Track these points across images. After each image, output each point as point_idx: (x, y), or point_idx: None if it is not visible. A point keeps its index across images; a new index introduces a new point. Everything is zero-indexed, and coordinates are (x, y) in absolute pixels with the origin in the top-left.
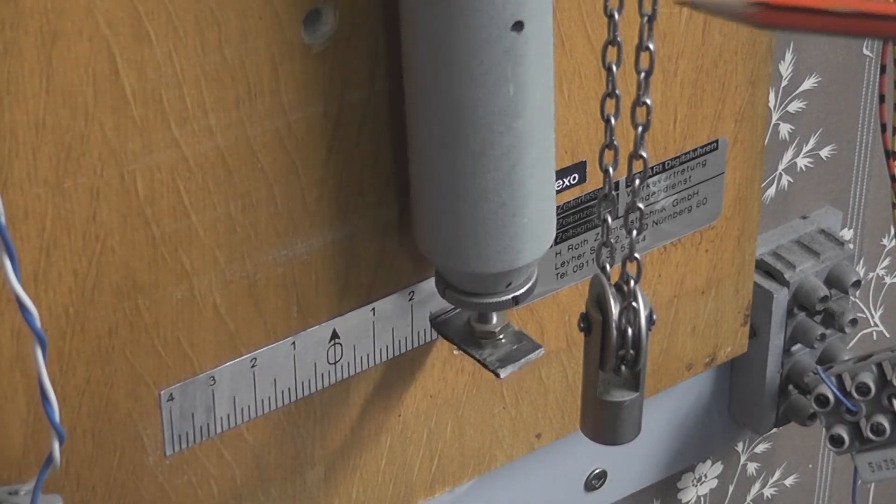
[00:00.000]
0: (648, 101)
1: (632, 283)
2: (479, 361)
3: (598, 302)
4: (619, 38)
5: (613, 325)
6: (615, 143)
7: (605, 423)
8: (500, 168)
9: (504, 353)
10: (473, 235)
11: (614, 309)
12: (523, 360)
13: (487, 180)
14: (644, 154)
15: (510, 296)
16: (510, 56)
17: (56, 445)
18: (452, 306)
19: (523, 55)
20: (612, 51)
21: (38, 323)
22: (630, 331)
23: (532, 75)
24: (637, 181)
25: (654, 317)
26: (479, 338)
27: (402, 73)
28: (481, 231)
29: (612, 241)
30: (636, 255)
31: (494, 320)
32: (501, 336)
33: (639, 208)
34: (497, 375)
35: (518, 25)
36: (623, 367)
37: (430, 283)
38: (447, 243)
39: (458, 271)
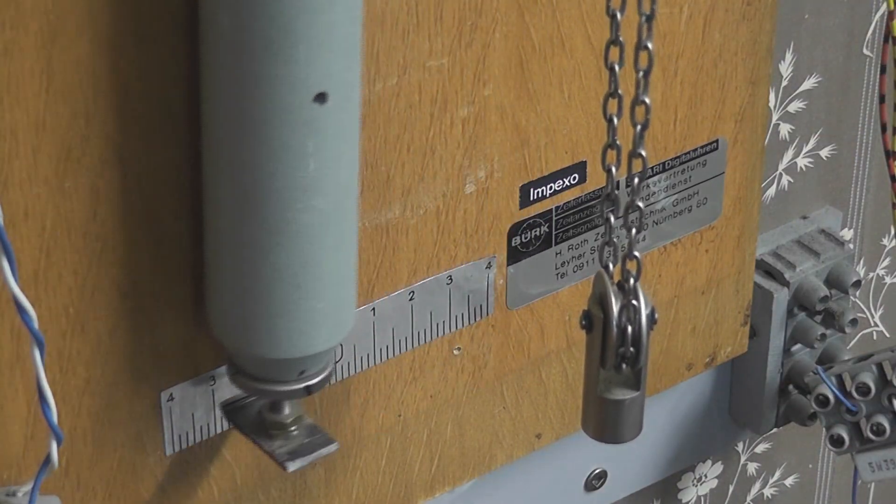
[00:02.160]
0: (647, 100)
1: (632, 280)
2: (267, 453)
3: (599, 300)
4: (621, 39)
5: (614, 322)
6: (618, 142)
7: (607, 422)
8: (296, 247)
9: (295, 446)
10: (265, 317)
11: (615, 306)
12: (314, 454)
13: (282, 259)
14: (643, 153)
15: (302, 385)
16: (311, 128)
17: (54, 446)
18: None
19: (326, 129)
20: (614, 51)
21: (36, 324)
22: (630, 328)
23: (335, 151)
24: (637, 180)
25: (657, 315)
26: (270, 428)
27: (201, 137)
28: (272, 313)
29: (614, 240)
30: (636, 253)
31: (287, 410)
32: (293, 428)
33: (638, 207)
34: (285, 468)
35: (321, 97)
36: (624, 366)
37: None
38: (237, 324)
39: (248, 355)
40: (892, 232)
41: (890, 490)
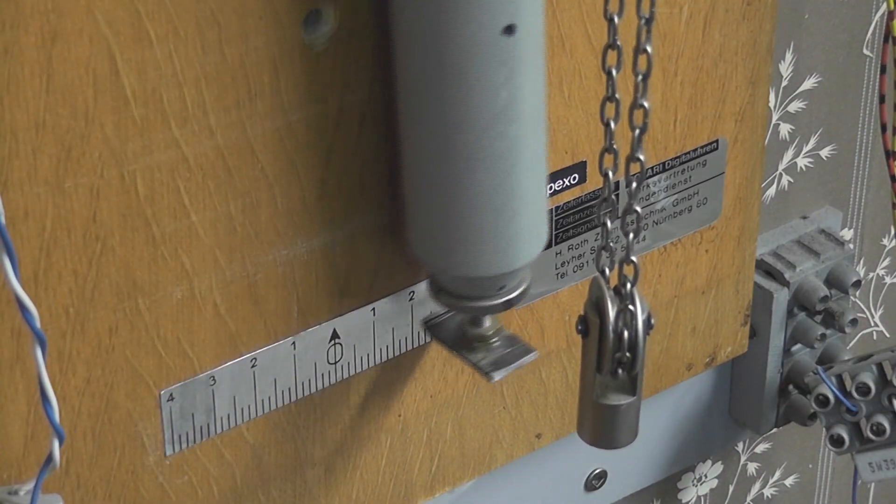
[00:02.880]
0: (646, 104)
1: (629, 285)
2: (471, 365)
3: (596, 304)
4: (618, 42)
5: (610, 327)
6: (615, 146)
7: (602, 427)
8: (493, 173)
9: (497, 357)
10: (466, 239)
11: (612, 311)
12: (516, 363)
13: (480, 184)
14: (641, 157)
15: (503, 299)
16: (502, 60)
17: (56, 445)
18: (446, 309)
19: (516, 60)
20: (612, 54)
21: (37, 323)
22: (627, 334)
23: (525, 80)
24: (634, 184)
25: (653, 321)
26: (471, 341)
27: (395, 76)
28: (474, 235)
29: (611, 244)
30: (633, 257)
31: (487, 324)
32: (494, 340)
33: (635, 211)
34: (490, 379)
35: (510, 29)
36: (620, 371)
37: None
38: (440, 247)
39: (451, 274)
40: (893, 232)
41: (890, 490)
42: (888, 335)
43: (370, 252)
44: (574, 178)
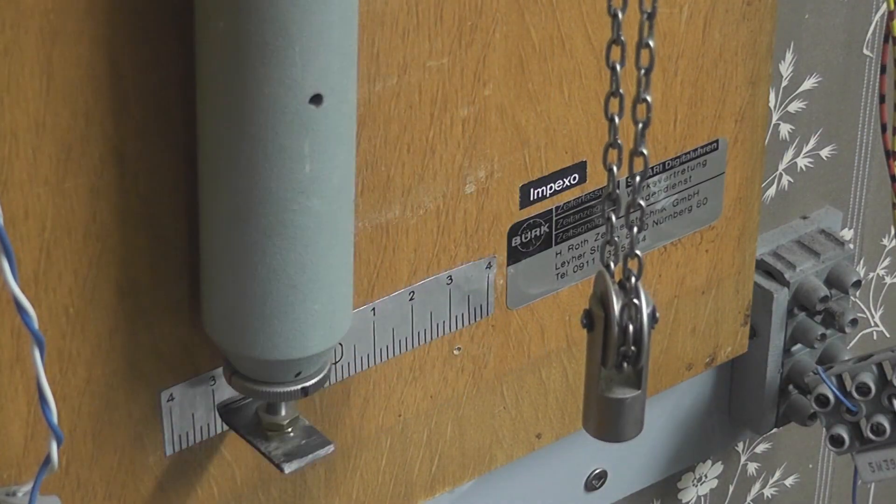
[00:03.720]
0: (649, 98)
1: (633, 279)
2: (264, 455)
3: (601, 298)
4: (622, 38)
5: (615, 321)
6: (619, 141)
7: (608, 421)
8: (292, 248)
9: (291, 448)
10: (260, 318)
11: (616, 305)
12: (310, 455)
13: (277, 260)
14: (644, 151)
15: (299, 386)
16: (307, 130)
17: (54, 447)
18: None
19: (321, 130)
20: (616, 50)
21: (36, 324)
22: (632, 327)
23: (331, 152)
24: (638, 178)
25: (658, 315)
26: (266, 430)
27: (197, 139)
28: (269, 314)
29: (615, 239)
30: (637, 251)
31: (283, 412)
32: (290, 429)
33: (639, 205)
34: (282, 471)
35: (317, 98)
36: (625, 364)
37: None
38: (233, 326)
39: (245, 357)
40: (893, 232)
41: (890, 490)
42: (888, 335)
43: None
44: (574, 178)
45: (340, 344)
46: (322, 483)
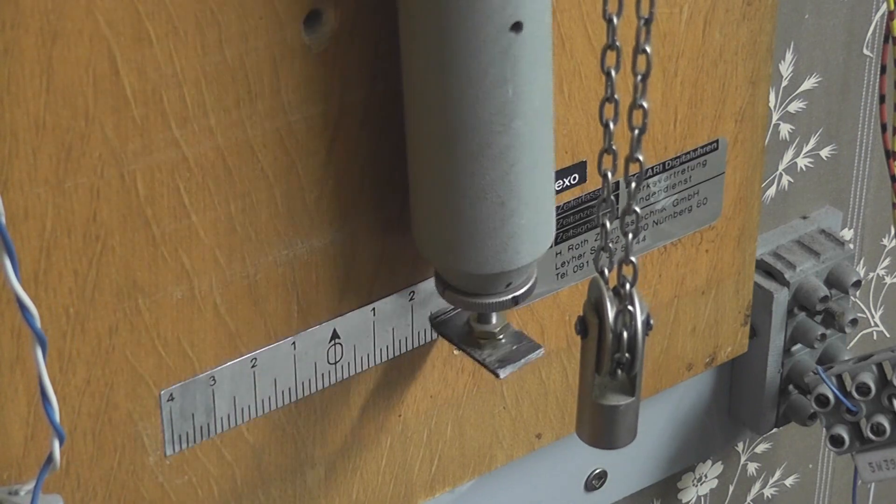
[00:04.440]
0: (645, 105)
1: (628, 286)
2: (478, 361)
3: (595, 305)
4: (617, 43)
5: (609, 328)
6: (614, 146)
7: (601, 428)
8: (498, 168)
9: (504, 354)
10: (472, 235)
11: (610, 312)
12: (523, 360)
13: (486, 180)
14: (640, 157)
15: (510, 296)
16: (508, 56)
17: (56, 445)
18: (452, 306)
19: (522, 56)
20: (611, 55)
21: (38, 323)
22: (626, 334)
23: (531, 76)
24: (633, 185)
25: (652, 321)
26: (478, 338)
27: (401, 72)
28: (480, 231)
29: (610, 245)
30: (632, 258)
31: (494, 320)
32: (501, 336)
33: (635, 211)
34: (497, 375)
35: (517, 26)
36: (619, 372)
37: (431, 284)
38: (446, 243)
39: (457, 271)
40: (893, 232)
41: (890, 490)
42: (888, 335)
43: (370, 252)
44: (574, 179)
45: (341, 344)
46: (322, 483)
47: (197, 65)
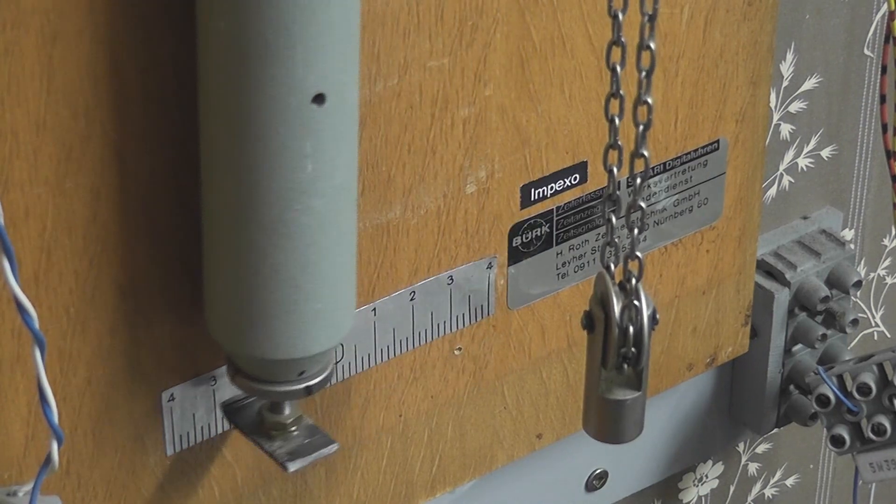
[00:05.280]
0: (650, 100)
1: (633, 280)
2: (267, 454)
3: (601, 300)
4: (623, 39)
5: (616, 322)
6: (619, 143)
7: (608, 422)
8: (294, 248)
9: (295, 447)
10: (263, 318)
11: (617, 306)
12: (315, 454)
13: (280, 260)
14: (645, 153)
15: (303, 385)
16: (309, 130)
17: (55, 447)
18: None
19: (324, 130)
20: (616, 51)
21: (36, 324)
22: (632, 328)
23: (333, 152)
24: (639, 180)
25: (658, 316)
26: (269, 429)
27: (199, 138)
28: (271, 314)
29: (616, 240)
30: (638, 253)
31: (287, 411)
32: (293, 428)
33: (640, 207)
34: (285, 469)
35: (319, 98)
36: (625, 366)
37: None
38: (236, 325)
39: (248, 356)
40: (893, 232)
41: (891, 490)
42: (889, 335)
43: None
44: (575, 179)
45: (342, 344)
46: (323, 483)
47: None
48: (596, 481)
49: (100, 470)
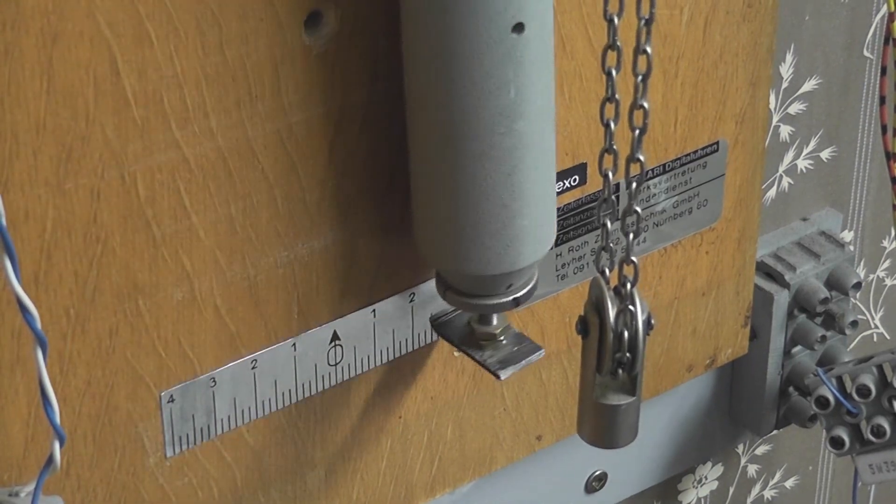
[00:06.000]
0: (646, 105)
1: (628, 285)
2: (479, 363)
3: (596, 305)
4: (618, 43)
5: (610, 327)
6: (615, 146)
7: (602, 427)
8: (500, 170)
9: (505, 355)
10: (474, 237)
11: (611, 311)
12: (524, 361)
13: (488, 182)
14: (641, 157)
15: (511, 297)
16: (511, 58)
17: (56, 447)
18: (453, 307)
19: (524, 57)
20: (611, 55)
21: (38, 324)
22: (627, 334)
23: (533, 77)
24: (634, 185)
25: (653, 321)
26: (479, 339)
27: (403, 74)
28: (482, 233)
29: (611, 244)
30: (633, 258)
31: (495, 322)
32: (502, 337)
33: (635, 211)
34: (497, 377)
35: (519, 27)
36: (620, 371)
37: (431, 285)
38: (447, 245)
39: (459, 273)
40: (893, 234)
41: (890, 492)
42: (888, 337)
43: (370, 253)
44: (574, 180)
45: (341, 345)
46: (322, 485)
47: (197, 65)
48: (595, 483)
49: (99, 471)
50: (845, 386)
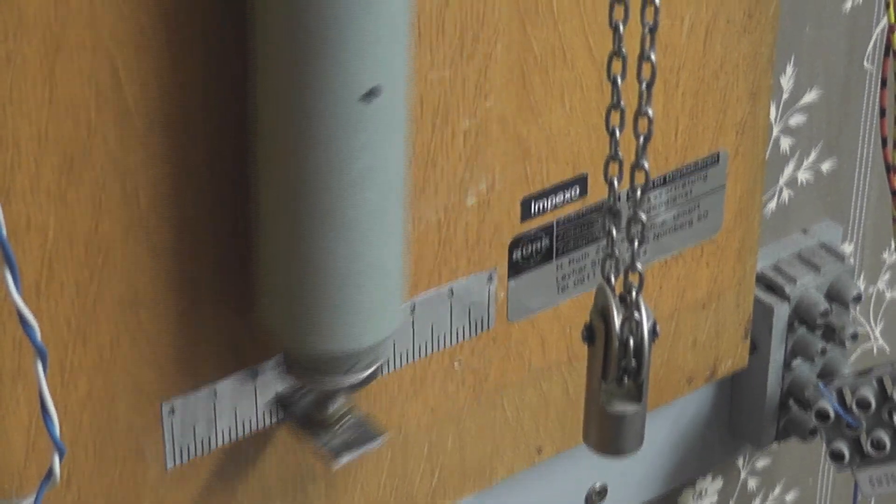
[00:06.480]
0: (650, 112)
1: (634, 293)
2: (314, 449)
3: (601, 312)
4: (624, 50)
5: (616, 335)
6: (619, 155)
7: (608, 435)
8: (346, 240)
9: (344, 440)
10: (317, 311)
11: (617, 319)
12: (361, 449)
13: (334, 252)
14: (646, 165)
15: (358, 377)
16: (361, 126)
17: (56, 460)
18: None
19: (375, 126)
20: (617, 63)
21: (38, 336)
22: (632, 341)
23: (385, 146)
24: (639, 192)
25: (659, 329)
26: (321, 421)
27: (251, 138)
28: (325, 306)
29: (616, 252)
30: (638, 265)
31: (336, 405)
32: (346, 419)
33: (640, 219)
34: (332, 466)
35: (369, 94)
36: (626, 379)
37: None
38: (290, 318)
39: (300, 349)
40: (893, 246)
41: None
42: (888, 349)
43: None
44: (575, 192)
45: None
46: (323, 496)
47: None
48: (596, 496)
49: (100, 483)
50: (845, 398)
